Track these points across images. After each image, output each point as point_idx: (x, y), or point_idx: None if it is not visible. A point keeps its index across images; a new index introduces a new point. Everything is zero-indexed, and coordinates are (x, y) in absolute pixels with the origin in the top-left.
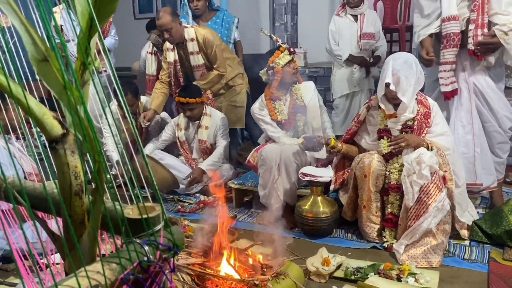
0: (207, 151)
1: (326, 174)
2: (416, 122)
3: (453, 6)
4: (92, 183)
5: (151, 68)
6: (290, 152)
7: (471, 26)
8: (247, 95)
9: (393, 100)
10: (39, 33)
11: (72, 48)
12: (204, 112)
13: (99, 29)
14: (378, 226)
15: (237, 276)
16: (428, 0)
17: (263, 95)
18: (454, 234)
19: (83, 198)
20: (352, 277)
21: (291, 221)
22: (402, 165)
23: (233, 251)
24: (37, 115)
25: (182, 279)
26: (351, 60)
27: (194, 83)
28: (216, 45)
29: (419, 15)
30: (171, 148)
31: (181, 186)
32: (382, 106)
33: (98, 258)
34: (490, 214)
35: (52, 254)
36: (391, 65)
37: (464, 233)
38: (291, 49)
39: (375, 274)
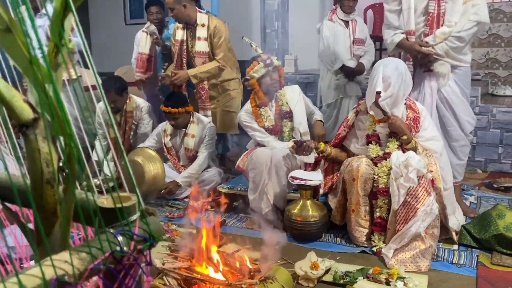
0: (193, 159)
1: (315, 177)
2: None
3: (411, 21)
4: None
5: (144, 46)
6: (281, 156)
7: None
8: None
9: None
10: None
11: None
12: (191, 120)
13: (74, 10)
14: (367, 230)
15: (224, 280)
16: (394, 14)
17: (248, 102)
18: (443, 239)
19: (56, 187)
20: (341, 282)
21: (281, 225)
22: (391, 169)
23: (221, 255)
24: (5, 97)
25: (168, 283)
26: (343, 69)
27: (192, 70)
28: (225, 37)
29: (389, 30)
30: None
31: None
32: (371, 112)
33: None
34: (479, 218)
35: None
36: (381, 72)
37: (454, 236)
38: (267, 61)
39: (364, 278)
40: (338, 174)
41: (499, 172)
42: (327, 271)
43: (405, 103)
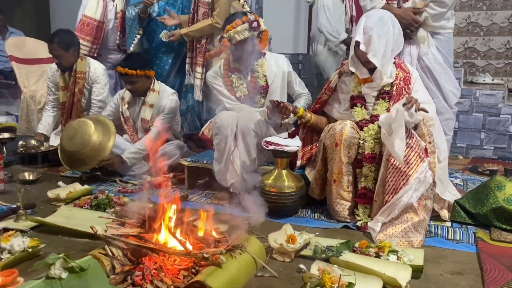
0: None
1: (293, 143)
2: (395, 87)
3: None
4: None
5: (94, 10)
6: (248, 119)
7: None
8: None
9: (367, 64)
10: None
11: None
12: (151, 87)
13: None
14: (349, 204)
15: (182, 250)
16: None
17: (221, 62)
18: (433, 216)
19: None
20: (323, 256)
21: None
22: (378, 132)
23: (178, 222)
24: None
25: (111, 253)
26: (345, 41)
27: (184, 28)
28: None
29: None
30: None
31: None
32: (353, 69)
33: None
34: (474, 192)
35: None
36: (363, 23)
37: (445, 213)
38: (254, 24)
39: (349, 252)
40: (317, 145)
41: (481, 158)
42: (305, 246)
43: (394, 62)
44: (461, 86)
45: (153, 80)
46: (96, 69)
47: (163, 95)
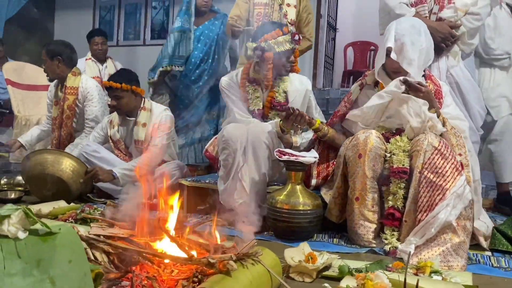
0: None
1: (309, 155)
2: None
3: None
4: None
5: (93, 71)
6: (259, 131)
7: (435, 8)
8: None
9: (395, 75)
10: None
11: None
12: (142, 106)
13: None
14: (375, 226)
15: (183, 257)
16: None
17: (240, 70)
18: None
19: None
20: (353, 274)
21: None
22: (408, 144)
23: (178, 225)
24: None
25: (93, 258)
26: None
27: None
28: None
29: None
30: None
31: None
32: (379, 79)
33: None
34: None
35: None
36: (394, 29)
37: (482, 241)
38: (296, 37)
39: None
40: (334, 163)
41: None
42: (327, 268)
43: (424, 74)
44: None
45: (142, 99)
46: (87, 84)
47: (156, 111)
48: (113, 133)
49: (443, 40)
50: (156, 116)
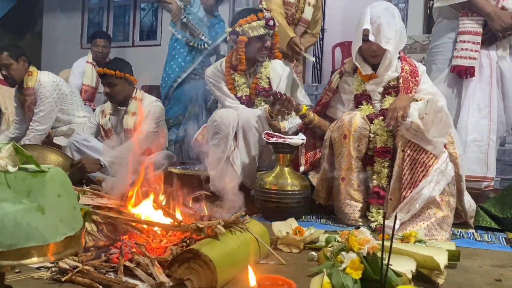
0: None
1: (297, 137)
2: (401, 80)
3: None
4: None
5: (91, 79)
6: (250, 115)
7: None
8: None
9: (372, 59)
10: None
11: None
12: (133, 95)
13: None
14: (361, 205)
15: (171, 223)
16: None
17: (223, 59)
18: (454, 223)
19: None
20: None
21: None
22: None
23: (168, 194)
24: None
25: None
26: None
27: None
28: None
29: None
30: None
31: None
32: (357, 64)
33: None
34: (499, 196)
35: None
36: (369, 13)
37: (468, 218)
38: (270, 22)
39: None
40: (321, 150)
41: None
42: (313, 242)
43: (399, 57)
44: None
45: (135, 88)
46: (40, 83)
47: (146, 102)
48: (104, 122)
49: (503, 30)
50: (146, 105)
